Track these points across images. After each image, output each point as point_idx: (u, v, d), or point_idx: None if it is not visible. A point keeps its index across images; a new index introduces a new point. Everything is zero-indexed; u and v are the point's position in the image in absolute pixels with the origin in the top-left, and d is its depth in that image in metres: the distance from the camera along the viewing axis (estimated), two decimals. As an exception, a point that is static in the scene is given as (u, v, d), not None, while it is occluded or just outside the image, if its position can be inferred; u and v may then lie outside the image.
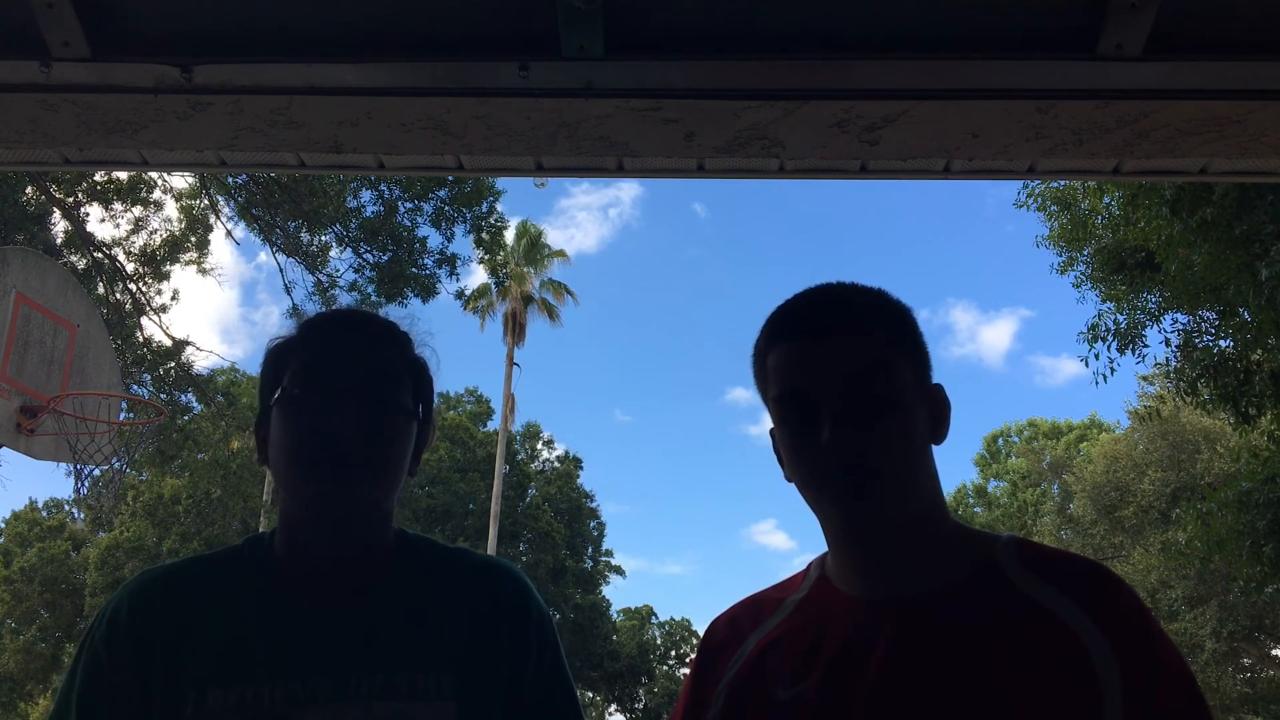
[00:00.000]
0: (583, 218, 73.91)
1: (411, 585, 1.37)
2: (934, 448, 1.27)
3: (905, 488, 1.19)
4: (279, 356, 1.37)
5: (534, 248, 34.52)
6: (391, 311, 1.49)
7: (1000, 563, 1.20)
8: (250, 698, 1.24)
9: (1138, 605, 1.14)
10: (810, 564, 1.37)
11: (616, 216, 73.76)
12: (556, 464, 38.34)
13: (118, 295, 15.45)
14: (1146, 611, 1.14)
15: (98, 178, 14.82)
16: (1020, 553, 1.21)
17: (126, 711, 1.27)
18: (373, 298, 14.93)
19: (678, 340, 75.72)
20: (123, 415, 9.85)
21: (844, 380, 1.18)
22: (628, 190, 70.57)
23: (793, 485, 1.27)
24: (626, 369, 72.82)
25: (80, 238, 14.84)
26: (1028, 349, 69.63)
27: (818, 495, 1.22)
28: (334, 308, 1.51)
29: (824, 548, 1.33)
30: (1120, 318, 11.97)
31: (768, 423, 1.32)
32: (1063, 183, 11.90)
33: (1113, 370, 11.99)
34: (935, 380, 1.29)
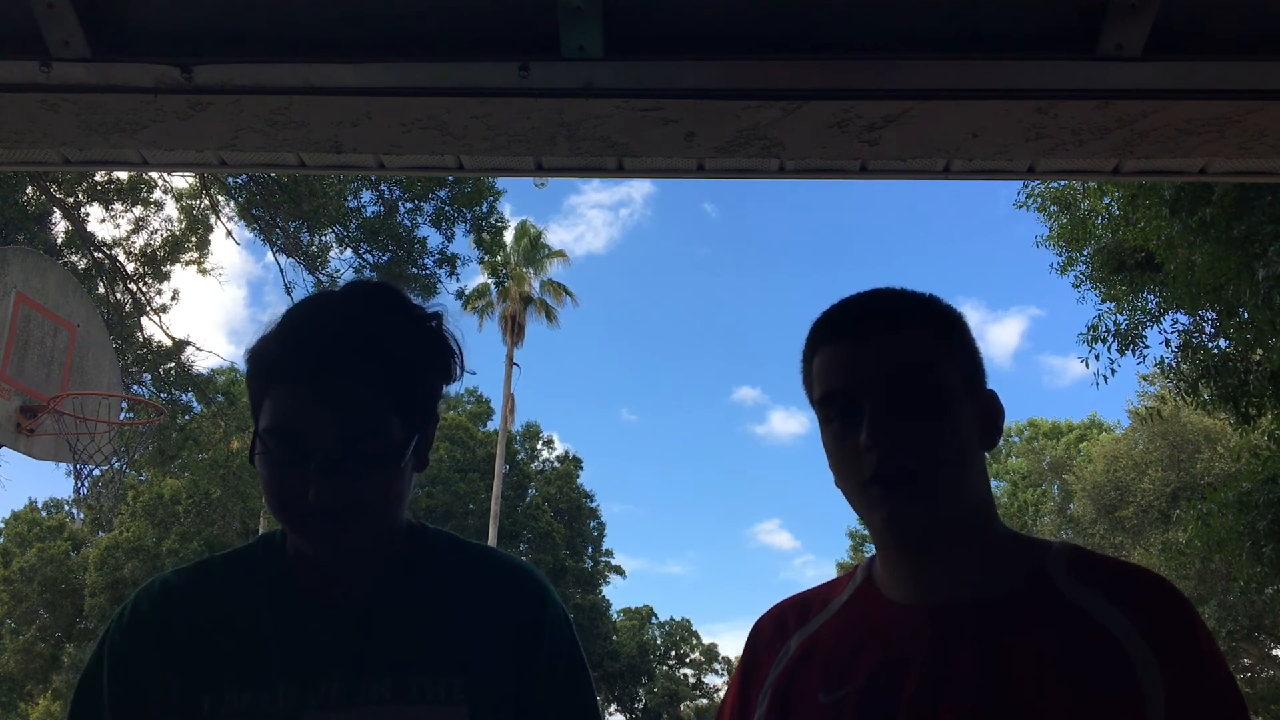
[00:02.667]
0: (593, 215, 74.16)
1: (426, 583, 1.35)
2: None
3: (945, 489, 1.17)
4: (255, 372, 1.29)
5: (534, 248, 34.51)
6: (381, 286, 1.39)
7: (1050, 572, 1.17)
8: (265, 701, 1.24)
9: (1190, 619, 1.11)
10: (858, 567, 1.35)
11: (628, 216, 73.87)
12: (556, 464, 38.34)
13: (118, 295, 15.45)
14: (1199, 625, 1.12)
15: (98, 178, 14.82)
16: (1071, 561, 1.19)
17: (150, 711, 1.27)
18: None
19: (685, 339, 75.88)
20: (123, 415, 9.85)
21: (886, 380, 1.17)
22: (639, 188, 70.66)
23: (801, 486, 1.28)
24: (634, 368, 72.96)
25: (80, 238, 14.84)
26: (1036, 348, 69.51)
27: (859, 498, 1.20)
28: (312, 299, 1.37)
29: (828, 548, 1.34)
30: (1120, 318, 11.97)
31: (776, 423, 1.32)
32: (1063, 183, 11.89)
33: (1113, 371, 11.99)
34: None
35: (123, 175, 14.89)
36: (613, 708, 39.87)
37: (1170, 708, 1.05)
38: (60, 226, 15.03)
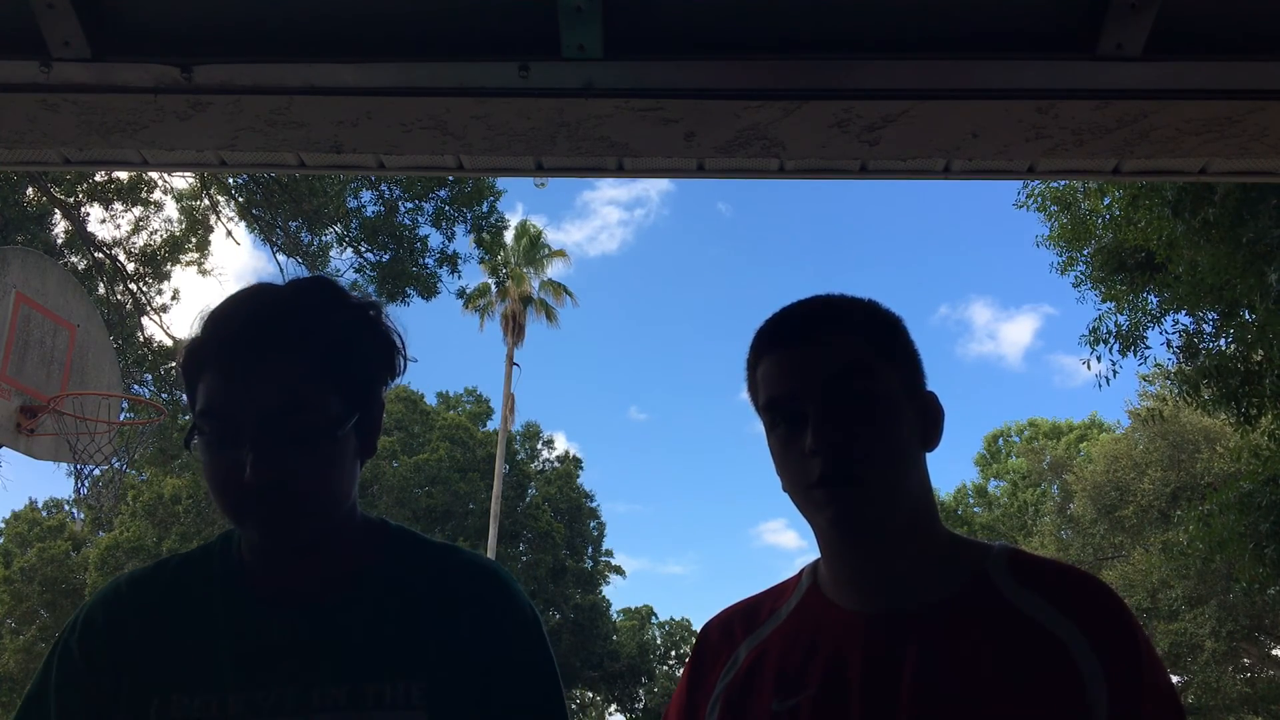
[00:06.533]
0: (607, 212, 74.23)
1: (387, 585, 1.32)
2: (931, 454, 1.27)
3: (887, 491, 1.19)
4: (188, 369, 1.27)
5: (534, 248, 34.53)
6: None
7: (991, 575, 1.20)
8: (215, 706, 1.22)
9: (1129, 621, 1.14)
10: (802, 570, 1.36)
11: (642, 216, 73.84)
12: (556, 464, 38.35)
13: (118, 295, 15.45)
14: (1138, 628, 1.15)
15: (98, 178, 14.82)
16: (1012, 564, 1.21)
17: (94, 713, 1.26)
18: (373, 297, 14.88)
19: (695, 338, 75.75)
20: (123, 415, 9.85)
21: (826, 384, 1.20)
22: (654, 186, 70.63)
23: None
24: (644, 367, 72.88)
25: (80, 238, 14.84)
26: (1049, 347, 69.03)
27: (804, 501, 1.22)
28: (245, 288, 1.34)
29: None
30: (1121, 319, 11.97)
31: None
32: (1063, 183, 11.89)
33: (1115, 373, 12.01)
34: (954, 383, 1.30)
35: (123, 175, 14.90)
36: (613, 708, 39.88)
37: (1113, 707, 1.08)
38: (60, 226, 15.03)
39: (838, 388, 1.20)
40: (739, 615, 1.37)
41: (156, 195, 16.13)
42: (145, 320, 15.59)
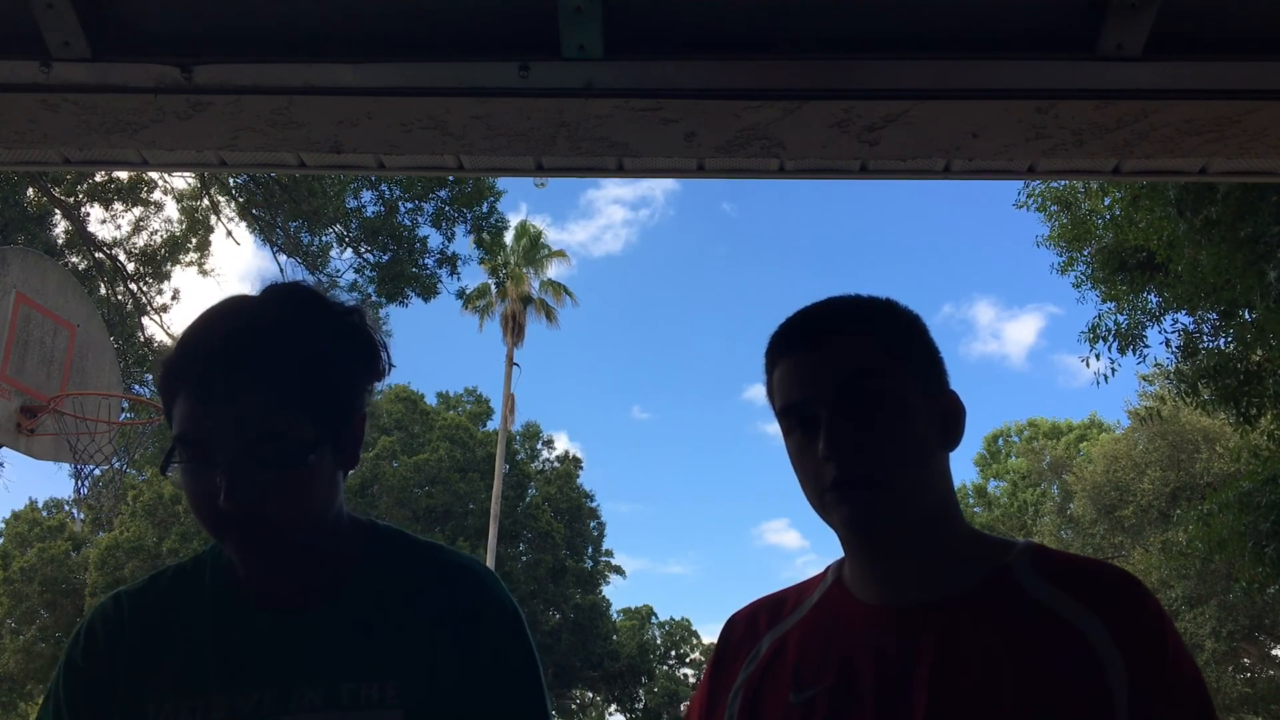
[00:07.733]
0: (612, 211, 74.26)
1: (370, 586, 1.33)
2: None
3: (903, 492, 1.19)
4: (163, 390, 1.28)
5: (534, 248, 34.54)
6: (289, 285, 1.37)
7: (1014, 570, 1.19)
8: (200, 711, 1.24)
9: (1154, 612, 1.12)
10: (829, 567, 1.37)
11: (646, 214, 73.83)
12: (556, 464, 38.35)
13: (118, 295, 15.45)
14: (1164, 619, 1.13)
15: (98, 178, 14.82)
16: (1036, 560, 1.20)
17: None
18: (373, 298, 14.93)
19: (700, 338, 75.73)
20: (123, 415, 9.85)
21: (836, 388, 1.20)
22: (659, 185, 70.65)
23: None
24: (647, 366, 72.89)
25: (81, 238, 14.84)
26: (1053, 347, 68.89)
27: (821, 504, 1.23)
28: (220, 302, 1.33)
29: (836, 547, 1.34)
30: (1121, 318, 11.97)
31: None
32: (1063, 183, 11.89)
33: (1113, 371, 12.01)
34: (957, 382, 1.30)
35: (123, 175, 14.90)
36: (613, 708, 39.89)
37: (1133, 706, 1.06)
38: (60, 227, 15.03)
39: (849, 390, 1.20)
40: (764, 608, 1.38)
41: (156, 195, 16.14)
42: (145, 320, 15.60)
